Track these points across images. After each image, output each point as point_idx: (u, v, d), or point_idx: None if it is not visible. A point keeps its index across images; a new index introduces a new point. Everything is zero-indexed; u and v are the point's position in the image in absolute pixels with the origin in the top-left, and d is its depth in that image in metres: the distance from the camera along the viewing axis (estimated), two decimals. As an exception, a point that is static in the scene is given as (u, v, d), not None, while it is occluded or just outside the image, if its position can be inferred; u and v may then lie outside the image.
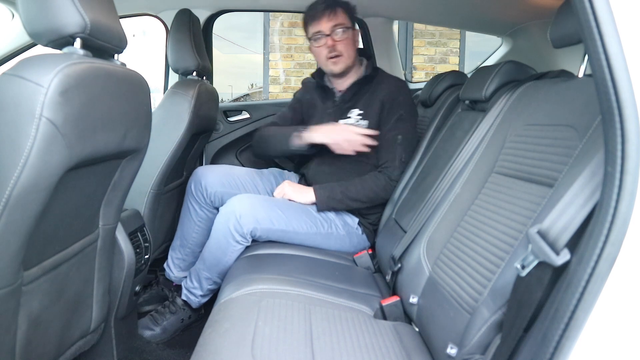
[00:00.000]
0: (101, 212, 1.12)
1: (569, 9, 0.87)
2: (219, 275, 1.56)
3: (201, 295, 1.64)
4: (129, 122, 1.02)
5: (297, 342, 0.92)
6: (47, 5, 0.84)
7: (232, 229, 1.48)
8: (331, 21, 1.66)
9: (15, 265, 0.82)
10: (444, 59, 5.40)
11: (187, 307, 1.69)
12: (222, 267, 1.53)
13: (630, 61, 0.53)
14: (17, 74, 0.76)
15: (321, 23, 1.67)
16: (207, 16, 2.22)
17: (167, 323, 1.67)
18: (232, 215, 1.48)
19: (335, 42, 1.67)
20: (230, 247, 1.50)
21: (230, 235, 1.48)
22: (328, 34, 1.67)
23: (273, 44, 5.48)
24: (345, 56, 1.69)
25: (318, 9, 1.68)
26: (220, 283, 1.58)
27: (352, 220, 1.67)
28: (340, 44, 1.67)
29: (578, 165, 0.75)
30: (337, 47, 1.67)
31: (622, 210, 0.53)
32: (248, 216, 1.48)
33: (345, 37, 1.68)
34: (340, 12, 1.68)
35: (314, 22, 1.69)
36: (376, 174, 1.63)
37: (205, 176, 1.74)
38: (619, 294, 0.54)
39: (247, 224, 1.48)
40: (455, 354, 0.83)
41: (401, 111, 1.66)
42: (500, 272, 0.82)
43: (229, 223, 1.48)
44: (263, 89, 5.68)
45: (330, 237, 1.62)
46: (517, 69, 1.30)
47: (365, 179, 1.62)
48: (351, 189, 1.60)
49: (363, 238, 1.68)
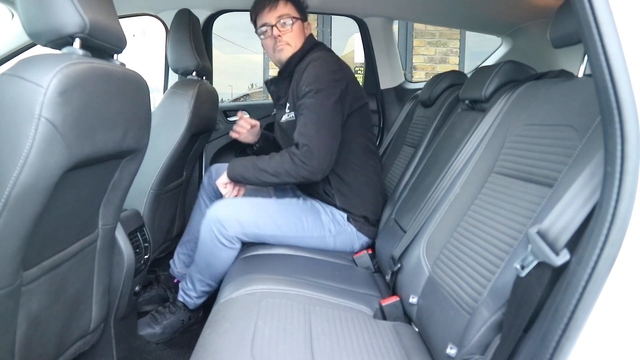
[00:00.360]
0: (101, 212, 1.12)
1: (569, 9, 0.87)
2: (212, 278, 1.57)
3: (196, 297, 1.65)
4: (129, 122, 1.02)
5: (297, 342, 0.92)
6: (46, 5, 0.84)
7: (216, 233, 1.48)
8: (275, 12, 1.64)
9: (14, 266, 0.82)
10: (444, 59, 5.40)
11: (187, 309, 1.70)
12: (214, 270, 1.54)
13: (630, 61, 0.53)
14: (17, 74, 0.76)
15: (264, 15, 1.65)
16: (207, 16, 2.22)
17: (167, 323, 1.67)
18: (216, 221, 1.49)
19: (280, 33, 1.64)
20: (218, 250, 1.50)
21: (216, 239, 1.49)
22: (273, 24, 1.64)
23: (273, 44, 5.47)
24: (292, 45, 1.65)
25: (262, 2, 1.66)
26: (214, 285, 1.60)
27: (342, 216, 1.65)
28: (285, 35, 1.64)
29: (578, 166, 0.75)
30: (283, 37, 1.64)
31: (622, 210, 0.53)
32: (232, 221, 1.48)
33: (290, 28, 1.65)
34: (283, 3, 1.65)
35: (259, 16, 1.67)
36: (284, 152, 1.51)
37: (219, 172, 1.76)
38: (618, 294, 0.54)
39: (231, 228, 1.48)
40: (455, 354, 0.83)
41: (306, 89, 1.55)
42: (500, 272, 0.82)
43: (213, 228, 1.49)
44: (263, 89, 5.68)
45: (322, 238, 1.60)
46: (517, 69, 1.30)
47: (274, 154, 1.53)
48: (261, 159, 1.53)
49: (356, 234, 1.64)
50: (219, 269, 1.53)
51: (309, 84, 1.52)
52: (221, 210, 1.50)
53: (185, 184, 1.99)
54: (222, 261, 1.52)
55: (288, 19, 1.64)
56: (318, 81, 1.52)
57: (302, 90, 1.54)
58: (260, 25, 1.68)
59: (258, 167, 1.51)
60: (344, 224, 1.64)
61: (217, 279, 1.56)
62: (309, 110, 1.49)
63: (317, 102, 1.49)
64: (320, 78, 1.53)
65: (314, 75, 1.53)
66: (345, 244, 1.63)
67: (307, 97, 1.51)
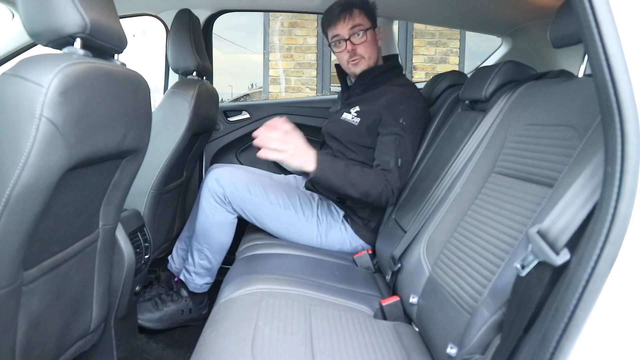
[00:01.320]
0: (101, 212, 1.12)
1: (569, 9, 0.87)
2: (209, 247, 1.63)
3: (195, 273, 1.68)
4: (129, 122, 1.02)
5: (297, 342, 0.92)
6: (47, 5, 0.84)
7: (212, 192, 1.57)
8: (348, 24, 1.64)
9: (15, 265, 0.82)
10: (444, 59, 5.40)
11: (190, 300, 1.72)
12: (210, 238, 1.61)
13: (630, 61, 0.53)
14: (17, 74, 0.76)
15: (338, 27, 1.65)
16: (207, 16, 2.22)
17: (167, 309, 1.71)
18: (213, 179, 1.58)
19: (354, 47, 1.65)
20: (213, 213, 1.58)
21: (212, 198, 1.58)
22: (347, 37, 1.65)
23: (273, 44, 5.49)
24: (366, 58, 1.67)
25: (334, 12, 1.66)
26: (212, 261, 1.65)
27: (338, 213, 1.65)
28: (360, 47, 1.66)
29: (578, 165, 0.75)
30: (357, 51, 1.66)
31: (622, 210, 0.53)
32: (226, 179, 1.57)
33: (364, 39, 1.66)
34: (356, 14, 1.65)
35: (331, 27, 1.68)
36: (380, 171, 1.50)
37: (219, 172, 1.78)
38: (618, 293, 0.54)
39: (226, 186, 1.56)
40: (455, 354, 0.83)
41: (402, 121, 1.56)
42: (500, 272, 0.82)
43: (209, 184, 1.59)
44: (263, 89, 5.68)
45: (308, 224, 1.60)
46: (517, 69, 1.30)
47: (369, 171, 1.50)
48: (354, 170, 1.47)
49: (350, 234, 1.64)
50: (215, 236, 1.60)
51: (405, 119, 1.56)
52: (219, 171, 1.61)
53: (185, 184, 1.99)
54: (217, 227, 1.59)
55: (361, 30, 1.65)
56: (414, 119, 1.59)
57: (395, 117, 1.56)
58: (333, 36, 1.69)
59: (348, 177, 1.41)
60: (337, 220, 1.64)
61: (214, 250, 1.63)
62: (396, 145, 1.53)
63: (408, 138, 1.54)
64: (416, 116, 1.60)
65: (411, 112, 1.59)
66: (335, 240, 1.63)
67: (399, 128, 1.55)
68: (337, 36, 1.67)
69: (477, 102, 1.39)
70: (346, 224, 1.64)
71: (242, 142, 2.35)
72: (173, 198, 1.86)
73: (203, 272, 1.68)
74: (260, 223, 1.62)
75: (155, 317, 1.68)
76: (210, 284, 1.73)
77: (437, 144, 1.56)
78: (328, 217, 1.63)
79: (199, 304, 1.76)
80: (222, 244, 1.64)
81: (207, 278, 1.70)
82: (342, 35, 1.65)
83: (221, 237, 1.62)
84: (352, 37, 1.65)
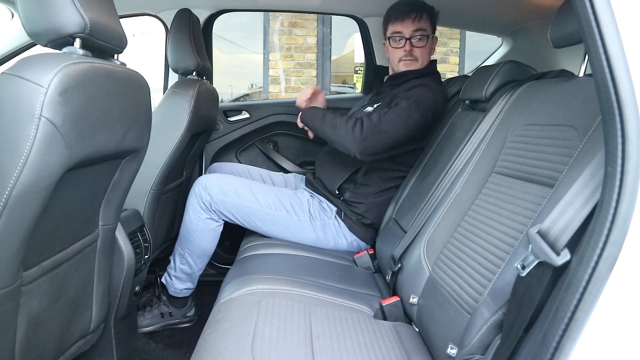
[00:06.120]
0: (101, 212, 1.12)
1: (569, 9, 0.87)
2: (190, 252, 1.64)
3: (175, 277, 1.69)
4: (129, 122, 1.02)
5: (297, 342, 0.92)
6: (46, 5, 0.84)
7: (199, 199, 1.59)
8: (413, 25, 1.65)
9: (14, 266, 0.82)
10: (444, 59, 5.40)
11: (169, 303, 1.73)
12: (192, 243, 1.63)
13: (631, 61, 0.53)
14: (17, 74, 0.76)
15: (403, 25, 1.66)
16: (207, 16, 2.22)
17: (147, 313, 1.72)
18: (202, 186, 1.60)
19: (413, 48, 1.66)
20: (197, 214, 1.60)
21: (197, 203, 1.59)
22: (408, 37, 1.66)
23: (273, 43, 5.48)
24: (419, 61, 1.68)
25: (403, 9, 1.66)
26: (192, 266, 1.66)
27: (330, 209, 1.65)
28: (417, 50, 1.67)
29: (578, 165, 0.75)
30: (414, 53, 1.67)
31: (623, 210, 0.53)
32: (215, 187, 1.59)
33: (424, 44, 1.67)
34: (425, 18, 1.66)
35: (396, 22, 1.67)
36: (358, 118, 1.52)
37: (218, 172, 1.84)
38: (619, 294, 0.54)
39: (214, 193, 1.58)
40: (455, 354, 0.83)
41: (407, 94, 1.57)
42: (501, 272, 0.82)
43: (196, 190, 1.61)
44: (263, 88, 5.67)
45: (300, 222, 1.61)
46: (517, 69, 1.30)
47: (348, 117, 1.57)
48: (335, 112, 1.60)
49: (344, 229, 1.64)
50: (196, 242, 1.62)
51: (413, 95, 1.55)
52: (208, 178, 1.62)
53: (185, 184, 1.99)
54: (200, 233, 1.61)
55: (424, 35, 1.66)
56: (420, 97, 1.55)
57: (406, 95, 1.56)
58: (394, 32, 1.68)
59: (327, 118, 1.57)
60: (331, 216, 1.65)
61: (196, 256, 1.64)
62: (399, 108, 1.52)
63: (409, 107, 1.52)
64: (424, 97, 1.56)
65: (421, 92, 1.57)
66: (330, 236, 1.63)
67: (403, 99, 1.55)
68: (399, 33, 1.67)
69: (478, 102, 1.39)
70: (339, 219, 1.65)
71: (242, 142, 2.34)
72: (173, 198, 1.85)
73: (184, 276, 1.68)
74: (252, 226, 1.62)
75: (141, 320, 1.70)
76: (191, 289, 1.73)
77: (438, 144, 1.56)
78: (321, 214, 1.64)
79: (181, 307, 1.76)
80: (204, 250, 1.65)
81: (188, 283, 1.70)
82: (404, 34, 1.66)
83: (203, 243, 1.63)
84: (413, 39, 1.66)
